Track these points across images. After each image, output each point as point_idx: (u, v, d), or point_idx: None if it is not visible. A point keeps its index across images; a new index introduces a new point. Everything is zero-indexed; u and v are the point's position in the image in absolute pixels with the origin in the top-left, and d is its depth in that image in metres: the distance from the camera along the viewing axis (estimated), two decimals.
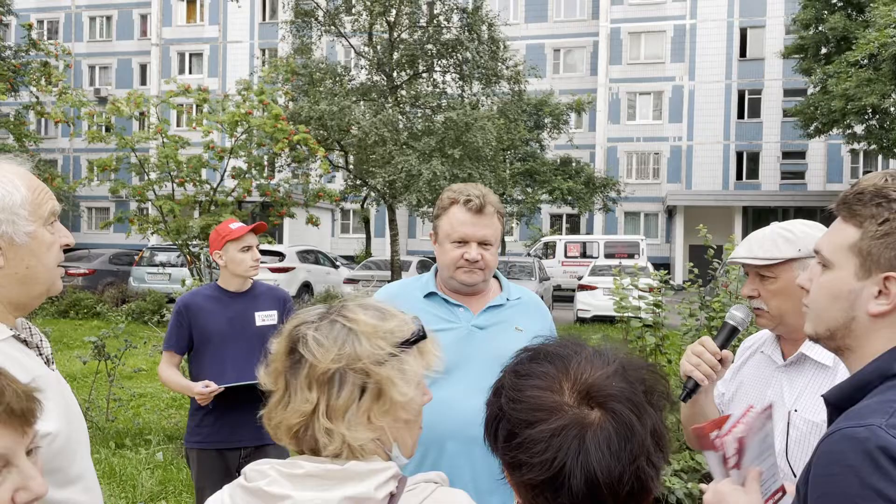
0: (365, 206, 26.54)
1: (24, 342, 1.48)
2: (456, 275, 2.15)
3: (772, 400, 1.77)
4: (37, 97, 17.46)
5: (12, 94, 17.28)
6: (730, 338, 1.82)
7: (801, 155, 33.40)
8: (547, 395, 0.96)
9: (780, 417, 1.78)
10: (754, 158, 34.08)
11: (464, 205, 2.12)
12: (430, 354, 1.21)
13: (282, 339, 1.18)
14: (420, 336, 1.19)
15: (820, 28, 23.76)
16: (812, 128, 25.35)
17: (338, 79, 20.81)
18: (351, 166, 20.78)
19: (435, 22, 19.73)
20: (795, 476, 1.72)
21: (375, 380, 1.13)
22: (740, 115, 34.09)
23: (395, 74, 20.03)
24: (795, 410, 1.77)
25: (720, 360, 1.78)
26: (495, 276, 2.29)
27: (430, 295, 2.22)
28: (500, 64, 20.56)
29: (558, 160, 29.21)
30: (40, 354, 1.49)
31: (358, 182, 21.05)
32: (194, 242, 11.32)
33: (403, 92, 20.21)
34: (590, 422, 0.93)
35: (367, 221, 30.20)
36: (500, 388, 1.02)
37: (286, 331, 1.18)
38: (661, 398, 0.99)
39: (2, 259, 1.40)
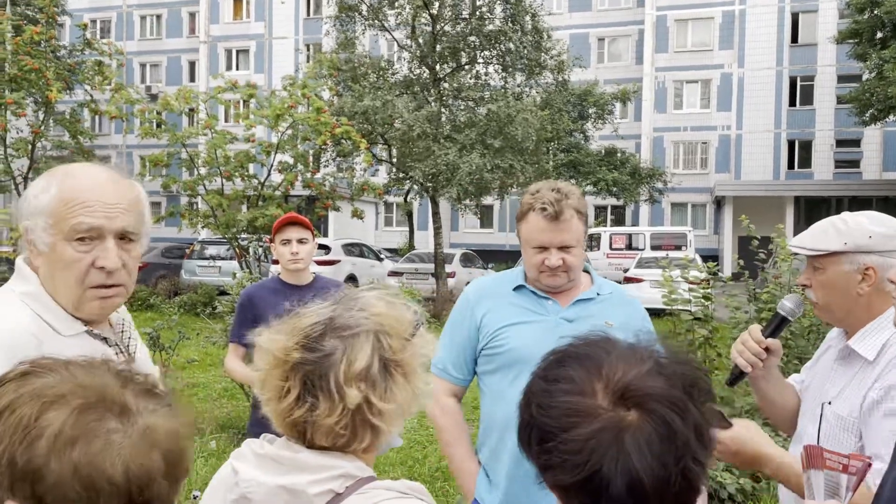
0: (408, 199, 26.66)
1: (104, 339, 1.46)
2: (540, 278, 2.17)
3: (830, 393, 1.80)
4: (91, 95, 17.95)
5: (68, 92, 17.80)
6: (779, 327, 1.84)
7: (856, 143, 32.39)
8: (579, 400, 0.92)
9: (817, 407, 1.80)
10: (807, 147, 33.17)
11: (540, 212, 2.10)
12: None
13: (288, 341, 1.11)
14: (419, 323, 1.18)
15: (875, 12, 22.96)
16: (867, 115, 24.59)
17: (381, 73, 20.91)
18: (394, 160, 20.90)
19: (478, 13, 19.67)
20: None
21: (404, 368, 1.13)
22: (792, 103, 33.20)
23: (437, 67, 20.04)
24: (829, 403, 1.76)
25: (767, 350, 1.81)
26: (586, 271, 2.29)
27: (518, 287, 2.22)
28: (543, 54, 20.41)
29: (603, 151, 28.88)
30: (120, 352, 1.49)
31: (401, 175, 21.16)
32: (243, 236, 11.54)
33: (446, 84, 20.21)
34: (627, 423, 0.89)
35: (410, 214, 30.33)
36: (528, 395, 0.99)
37: (300, 328, 1.12)
38: (703, 394, 0.94)
39: (35, 258, 1.38)
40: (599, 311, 2.18)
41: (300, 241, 3.41)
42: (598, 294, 2.23)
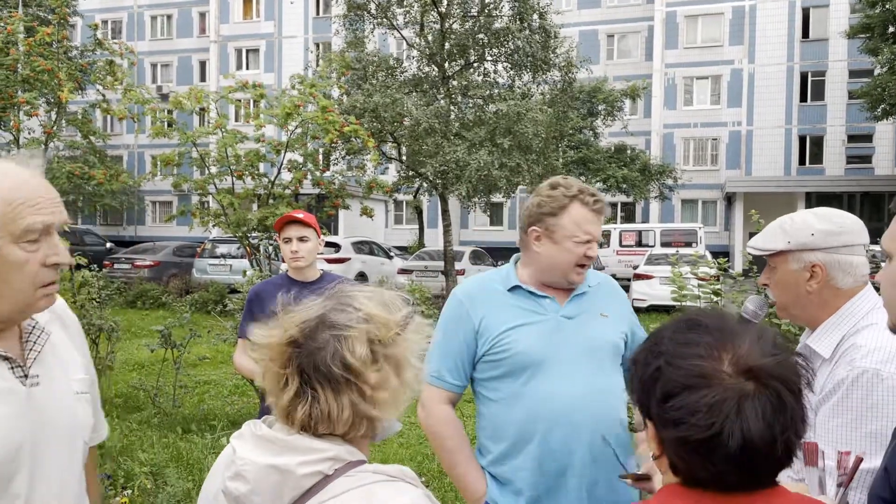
0: (417, 196, 26.70)
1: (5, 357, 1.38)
2: (571, 275, 2.13)
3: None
4: (103, 95, 18.09)
5: (79, 92, 17.93)
6: None
7: (868, 138, 32.17)
8: (707, 364, 1.04)
9: None
10: (818, 143, 32.97)
11: (591, 205, 2.10)
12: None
13: (283, 335, 1.17)
14: (413, 313, 1.23)
15: (887, 6, 22.79)
16: (879, 110, 24.41)
17: (390, 71, 20.96)
18: (404, 157, 20.93)
19: (486, 11, 19.67)
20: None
21: (396, 360, 1.18)
22: (803, 99, 33.00)
23: (446, 65, 20.06)
24: None
25: None
26: None
27: (513, 288, 2.18)
28: (550, 53, 20.38)
29: (613, 147, 28.81)
30: (13, 368, 1.39)
31: (410, 173, 21.21)
32: (253, 234, 11.59)
33: (455, 82, 20.23)
34: (747, 392, 1.02)
35: (419, 212, 30.38)
36: (659, 351, 1.10)
37: (294, 323, 1.18)
38: (805, 384, 1.08)
39: None
40: (594, 304, 2.19)
41: (300, 240, 3.44)
42: (589, 286, 2.22)
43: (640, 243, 25.04)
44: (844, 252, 1.68)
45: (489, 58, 20.48)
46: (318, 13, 37.86)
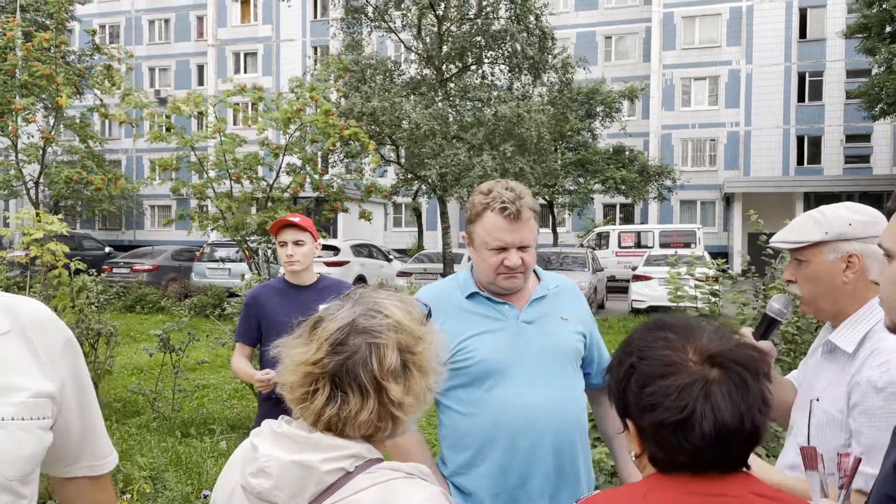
0: (416, 199, 26.70)
1: None
2: (497, 281, 2.10)
3: (817, 388, 1.76)
4: (101, 99, 18.09)
5: (78, 96, 17.93)
6: (769, 329, 1.83)
7: (866, 138, 32.21)
8: (673, 354, 1.17)
9: (807, 402, 1.77)
10: (816, 143, 33.00)
11: (500, 213, 2.04)
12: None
13: (319, 349, 1.18)
14: (428, 316, 1.28)
15: (884, 6, 22.83)
16: (877, 109, 24.44)
17: (388, 74, 20.97)
18: (402, 160, 20.94)
19: (483, 14, 19.69)
20: None
21: (420, 364, 1.21)
22: (801, 99, 33.04)
23: (444, 68, 20.07)
24: (817, 399, 1.74)
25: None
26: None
27: (472, 295, 2.15)
28: (547, 55, 20.40)
29: (611, 149, 28.83)
30: None
31: (409, 176, 21.20)
32: (252, 238, 11.59)
33: (453, 85, 20.25)
34: (712, 378, 1.14)
35: (418, 215, 30.41)
36: (630, 351, 1.23)
37: (326, 336, 1.19)
38: (764, 372, 1.18)
39: None
40: (553, 308, 2.16)
41: (296, 244, 3.44)
42: (549, 290, 2.20)
43: (638, 244, 25.06)
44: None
45: (487, 60, 20.50)
46: (315, 16, 37.89)
